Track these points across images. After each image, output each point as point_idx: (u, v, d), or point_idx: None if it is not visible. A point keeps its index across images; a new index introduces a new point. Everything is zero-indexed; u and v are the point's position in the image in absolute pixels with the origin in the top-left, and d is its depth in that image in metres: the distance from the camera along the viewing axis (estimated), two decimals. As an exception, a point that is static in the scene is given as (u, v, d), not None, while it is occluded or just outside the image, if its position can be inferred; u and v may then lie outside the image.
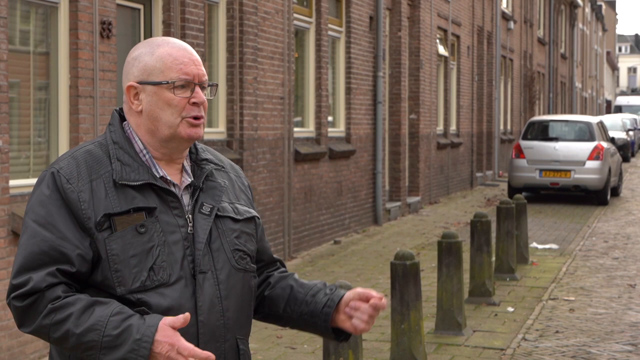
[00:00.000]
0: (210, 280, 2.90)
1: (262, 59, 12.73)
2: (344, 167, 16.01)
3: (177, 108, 2.90)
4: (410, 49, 20.61)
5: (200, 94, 2.92)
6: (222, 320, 2.92)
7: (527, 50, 37.04)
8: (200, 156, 3.04)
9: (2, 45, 7.63)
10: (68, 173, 2.85)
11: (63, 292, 2.79)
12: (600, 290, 11.75)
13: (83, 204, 2.82)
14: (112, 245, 2.81)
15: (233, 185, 3.09)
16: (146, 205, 2.86)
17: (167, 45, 2.95)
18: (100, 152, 2.91)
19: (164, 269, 2.84)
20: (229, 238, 2.97)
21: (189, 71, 2.91)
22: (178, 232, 2.88)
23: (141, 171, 2.89)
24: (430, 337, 8.95)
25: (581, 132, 22.95)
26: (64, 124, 8.67)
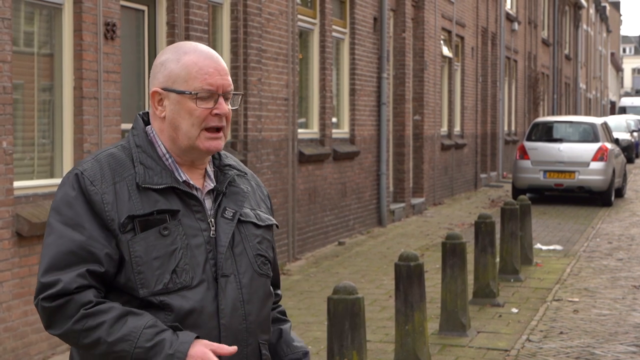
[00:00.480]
0: (232, 283, 2.91)
1: (266, 60, 12.73)
2: (348, 168, 16.02)
3: (199, 119, 2.90)
4: (414, 50, 20.61)
5: (223, 106, 2.91)
6: (244, 324, 2.93)
7: (532, 52, 37.02)
8: (224, 162, 3.05)
9: (6, 46, 7.64)
10: (92, 175, 2.86)
11: (95, 296, 2.80)
12: (604, 292, 11.74)
13: (107, 206, 2.83)
14: (136, 247, 2.83)
15: (254, 193, 3.10)
16: (169, 207, 2.87)
17: (194, 53, 2.93)
18: (123, 155, 2.92)
19: (186, 272, 2.85)
20: (252, 243, 2.99)
21: (213, 82, 2.90)
22: (200, 235, 2.89)
23: (164, 175, 2.90)
24: (435, 338, 8.95)
25: (585, 133, 22.93)
26: (68, 126, 8.67)
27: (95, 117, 8.81)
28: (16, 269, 7.76)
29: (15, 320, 7.75)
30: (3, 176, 7.59)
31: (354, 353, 6.24)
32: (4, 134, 7.60)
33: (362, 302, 6.28)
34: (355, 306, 6.22)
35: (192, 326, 2.85)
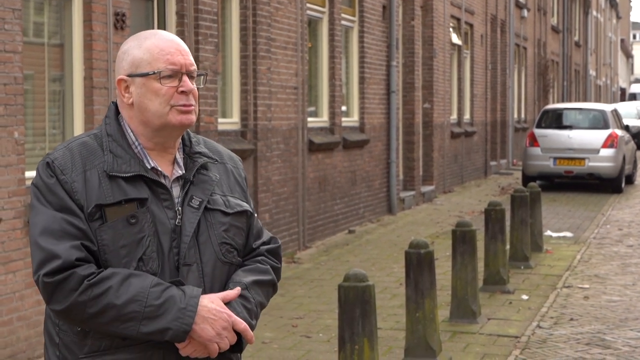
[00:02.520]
0: (195, 272, 2.94)
1: (276, 49, 12.74)
2: (358, 156, 16.03)
3: (165, 97, 2.95)
4: (423, 38, 20.58)
5: (188, 83, 2.97)
6: None
7: (541, 39, 36.94)
8: (194, 149, 3.07)
9: (17, 37, 7.67)
10: (62, 164, 2.91)
11: (96, 269, 2.84)
12: (614, 278, 11.75)
13: (76, 194, 2.88)
14: (103, 236, 2.87)
15: (228, 177, 3.12)
16: (138, 196, 2.90)
17: (154, 37, 3.01)
18: (94, 143, 2.97)
19: (153, 260, 2.89)
20: (217, 231, 3.00)
21: (175, 61, 2.97)
22: (167, 223, 2.93)
23: (132, 163, 2.93)
24: (445, 325, 8.97)
25: (595, 120, 22.89)
26: (78, 115, 8.70)
27: (106, 107, 8.84)
28: (28, 259, 7.80)
29: (28, 309, 7.80)
30: (15, 166, 7.63)
31: (364, 340, 6.27)
32: (15, 124, 7.63)
33: (372, 290, 6.30)
34: (366, 293, 6.24)
35: None
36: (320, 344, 8.42)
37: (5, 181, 7.53)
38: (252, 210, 3.15)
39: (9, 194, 7.57)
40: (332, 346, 8.20)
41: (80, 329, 2.89)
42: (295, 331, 8.81)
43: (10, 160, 7.57)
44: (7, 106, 7.55)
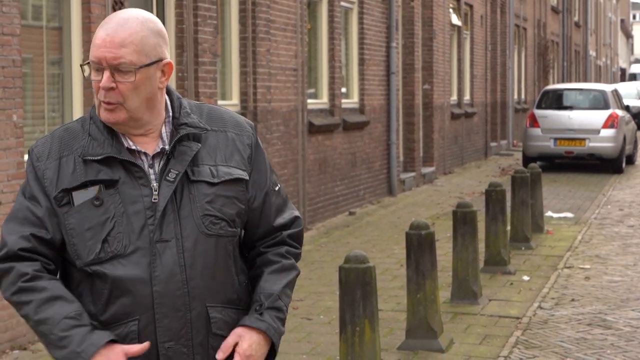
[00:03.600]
0: (172, 248, 2.88)
1: (275, 31, 12.70)
2: (358, 138, 16.00)
3: (95, 90, 2.90)
4: (423, 19, 20.52)
5: (104, 79, 2.85)
6: (184, 289, 2.88)
7: (541, 19, 36.86)
8: (180, 120, 2.98)
9: (15, 20, 7.63)
10: (40, 152, 2.95)
11: (34, 270, 2.88)
12: (615, 258, 11.75)
13: (45, 181, 2.91)
14: (70, 220, 2.89)
15: (227, 145, 3.01)
16: (107, 177, 2.88)
17: (104, 23, 2.90)
18: (79, 127, 2.97)
19: (119, 240, 2.87)
20: (200, 203, 2.92)
21: (96, 54, 2.85)
22: (140, 201, 2.89)
23: (106, 145, 2.90)
24: (446, 306, 8.96)
25: (595, 100, 22.86)
26: (77, 98, 8.68)
27: (105, 89, 8.80)
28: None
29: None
30: (14, 149, 7.60)
31: (365, 322, 6.26)
32: (14, 107, 7.61)
33: (373, 271, 6.29)
34: (367, 275, 6.23)
35: (125, 293, 2.86)
36: (321, 326, 8.42)
37: (4, 164, 7.51)
38: (246, 177, 3.02)
39: (7, 177, 7.55)
40: (333, 328, 8.20)
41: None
42: (296, 313, 8.80)
43: (9, 143, 7.55)
44: (6, 89, 7.52)
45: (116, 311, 2.87)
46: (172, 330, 2.88)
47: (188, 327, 2.90)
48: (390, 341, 7.85)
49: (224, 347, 2.95)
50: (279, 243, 3.11)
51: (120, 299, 2.87)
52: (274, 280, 3.04)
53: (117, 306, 2.87)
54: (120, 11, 2.93)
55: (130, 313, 2.87)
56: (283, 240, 3.12)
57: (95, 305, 2.89)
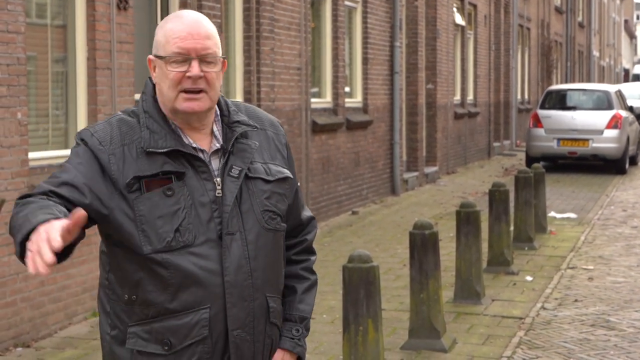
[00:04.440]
0: (238, 241, 2.99)
1: (279, 30, 12.70)
2: (362, 137, 16.00)
3: (173, 82, 2.98)
4: (427, 18, 20.52)
5: (195, 68, 2.96)
6: (250, 280, 3.00)
7: (545, 19, 36.84)
8: (232, 118, 3.09)
9: (20, 17, 7.64)
10: (102, 136, 2.98)
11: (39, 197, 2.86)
12: (619, 259, 11.74)
13: (112, 166, 2.95)
14: (140, 206, 2.93)
15: (269, 144, 3.15)
16: (175, 169, 2.96)
17: (175, 19, 3.02)
18: (133, 120, 3.03)
19: (189, 231, 2.94)
20: (259, 199, 3.05)
21: (184, 45, 2.97)
22: (206, 195, 2.97)
23: (168, 138, 2.98)
24: (449, 306, 8.96)
25: (599, 100, 22.84)
26: (82, 96, 8.68)
27: (109, 87, 8.82)
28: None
29: (32, 290, 7.80)
30: (18, 147, 7.61)
31: (369, 321, 6.26)
32: (18, 105, 7.61)
33: (377, 270, 6.29)
34: (370, 274, 6.23)
35: (196, 283, 2.94)
36: (325, 325, 8.42)
37: (9, 162, 7.51)
38: (292, 176, 3.18)
39: (12, 174, 7.55)
40: (336, 327, 8.20)
41: (128, 298, 2.98)
42: (299, 312, 8.79)
43: (13, 141, 7.55)
44: (10, 87, 7.52)
45: (186, 299, 2.95)
46: (240, 318, 3.00)
47: (251, 316, 3.02)
48: (394, 341, 7.85)
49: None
50: (305, 251, 3.29)
51: (190, 288, 2.94)
52: (306, 300, 3.24)
53: (188, 294, 2.94)
54: (180, 11, 3.07)
55: (202, 302, 2.95)
56: (309, 249, 3.30)
57: (162, 294, 2.95)
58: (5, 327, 7.48)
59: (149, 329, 2.97)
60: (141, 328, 2.98)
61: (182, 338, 2.96)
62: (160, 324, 2.96)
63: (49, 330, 8.00)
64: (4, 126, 7.46)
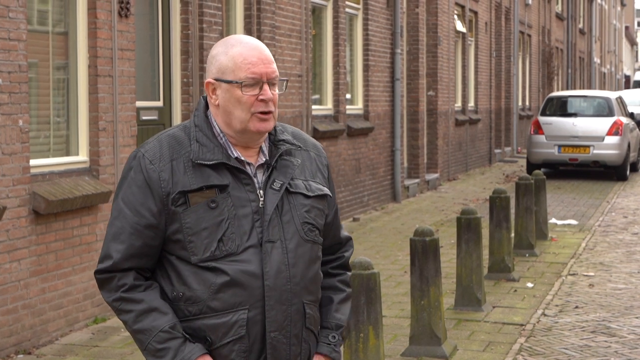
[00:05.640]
0: (278, 248, 3.19)
1: (280, 37, 12.72)
2: (362, 144, 16.01)
3: (247, 105, 3.18)
4: (427, 25, 20.54)
5: (267, 92, 3.18)
6: (288, 285, 3.19)
7: (545, 26, 36.87)
8: (278, 137, 3.30)
9: (21, 25, 7.66)
10: (152, 155, 3.20)
11: (133, 279, 3.19)
12: (619, 266, 11.74)
13: (163, 182, 3.17)
14: (187, 219, 3.16)
15: (311, 164, 3.36)
16: (219, 182, 3.17)
17: (240, 45, 3.21)
18: (183, 134, 3.24)
19: (232, 240, 3.16)
20: (300, 212, 3.25)
21: (256, 70, 3.17)
22: (249, 206, 3.18)
23: (216, 151, 3.19)
24: (450, 313, 8.97)
25: (600, 107, 22.85)
26: (83, 104, 8.69)
27: (110, 94, 8.83)
28: (33, 247, 7.81)
29: (33, 297, 7.81)
30: (19, 154, 7.62)
31: (370, 328, 6.27)
32: (19, 113, 7.62)
33: (377, 277, 6.30)
34: (371, 281, 6.24)
35: (238, 285, 3.14)
36: (325, 331, 8.40)
37: (10, 169, 7.52)
38: (331, 195, 3.39)
39: (13, 182, 7.57)
40: (337, 334, 8.19)
41: (175, 295, 3.20)
42: (300, 319, 8.79)
43: (14, 148, 7.57)
44: (12, 94, 7.54)
45: (227, 300, 3.15)
46: (278, 321, 3.18)
47: (289, 320, 3.21)
48: (394, 347, 7.86)
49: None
50: (342, 266, 3.49)
51: (232, 289, 3.15)
52: (342, 310, 3.42)
53: (229, 295, 3.15)
54: (237, 35, 3.29)
55: (241, 303, 3.15)
56: (345, 265, 3.50)
57: (205, 292, 3.15)
58: (6, 334, 7.49)
59: (192, 326, 3.17)
60: (185, 324, 3.17)
61: (221, 336, 3.15)
62: (201, 321, 3.16)
63: (50, 337, 8.00)
64: (5, 133, 7.47)
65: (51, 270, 8.03)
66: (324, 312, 3.39)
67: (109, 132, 8.81)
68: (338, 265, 3.48)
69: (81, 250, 8.42)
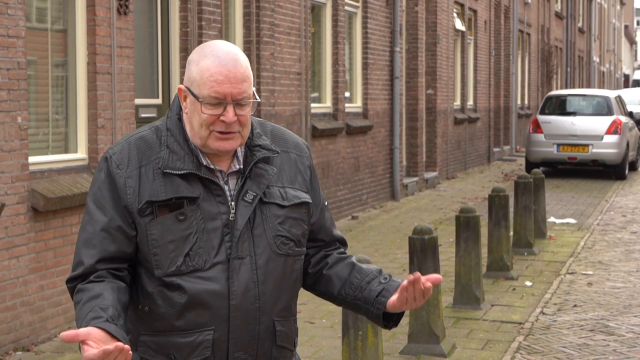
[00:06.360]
0: (247, 265, 3.01)
1: (279, 35, 12.72)
2: (361, 142, 16.01)
3: (206, 122, 2.98)
4: (427, 23, 20.54)
5: (229, 114, 2.96)
6: (257, 303, 3.03)
7: (545, 25, 36.86)
8: (254, 142, 3.09)
9: (20, 22, 7.65)
10: (119, 159, 3.02)
11: (95, 276, 3.00)
12: (618, 264, 11.75)
13: (129, 189, 2.99)
14: (152, 230, 2.98)
15: (290, 167, 3.16)
16: (189, 194, 2.99)
17: (211, 57, 2.97)
18: (154, 137, 3.06)
19: (199, 255, 2.98)
20: (272, 224, 3.06)
21: (220, 90, 2.95)
22: (219, 219, 3.00)
23: (187, 160, 3.01)
24: (449, 311, 8.97)
25: (599, 106, 22.86)
26: (82, 101, 8.69)
27: (109, 92, 8.83)
28: (32, 244, 7.81)
29: (32, 294, 7.80)
30: (18, 151, 7.62)
31: (368, 326, 6.26)
32: (18, 110, 7.62)
33: (376, 275, 6.28)
34: (370, 279, 6.22)
35: (202, 305, 2.98)
36: (324, 329, 8.42)
37: (9, 166, 7.52)
38: (316, 198, 3.21)
39: (12, 179, 7.56)
40: (335, 332, 8.20)
41: (142, 307, 3.04)
42: (299, 317, 8.80)
43: (13, 145, 7.56)
44: (11, 91, 7.53)
45: (192, 320, 2.99)
46: (243, 341, 3.03)
47: (255, 339, 3.05)
48: (393, 345, 7.86)
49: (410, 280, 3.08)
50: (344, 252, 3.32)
51: (197, 309, 2.99)
52: (363, 267, 3.23)
53: (194, 315, 2.99)
54: (216, 43, 3.02)
55: (207, 323, 3.00)
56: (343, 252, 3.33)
57: (169, 310, 3.01)
58: (4, 331, 7.48)
59: (157, 341, 3.03)
60: (150, 339, 3.04)
61: (185, 356, 3.01)
62: (166, 338, 3.02)
63: (48, 334, 8.00)
64: (4, 130, 7.47)
65: (50, 268, 8.03)
66: (353, 276, 3.21)
67: (107, 129, 8.80)
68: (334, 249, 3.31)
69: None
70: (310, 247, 3.25)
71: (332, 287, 3.26)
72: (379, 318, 3.18)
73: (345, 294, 3.23)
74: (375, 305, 3.17)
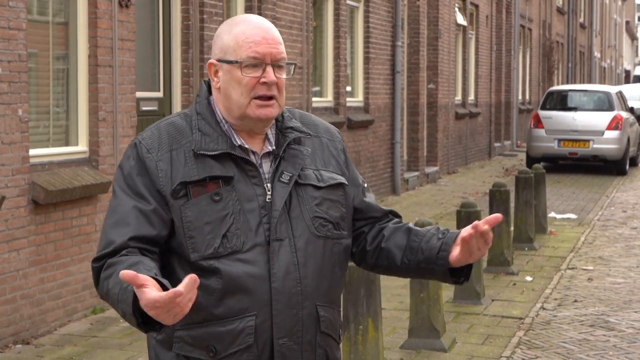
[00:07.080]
0: (286, 247, 2.92)
1: (281, 28, 12.70)
2: (362, 136, 16.00)
3: (247, 88, 2.92)
4: (428, 18, 20.52)
5: (270, 74, 2.92)
6: (299, 287, 2.93)
7: (546, 20, 36.83)
8: (286, 124, 3.05)
9: (21, 14, 7.64)
10: (149, 143, 2.94)
11: (127, 252, 2.84)
12: (618, 260, 11.74)
13: (160, 172, 2.90)
14: (187, 213, 2.88)
15: (323, 151, 3.11)
16: (223, 174, 2.91)
17: (244, 23, 2.96)
18: (184, 123, 2.99)
19: (237, 237, 2.88)
20: (309, 205, 2.98)
21: (259, 50, 2.92)
22: (255, 200, 2.92)
23: (220, 141, 2.94)
24: (449, 306, 8.97)
25: (600, 101, 22.85)
26: (83, 94, 8.68)
27: (110, 85, 8.82)
28: (32, 237, 7.80)
29: (32, 287, 7.80)
30: (19, 144, 7.61)
31: (369, 320, 6.26)
32: (19, 102, 7.61)
33: (377, 270, 6.28)
34: (371, 274, 6.23)
35: (243, 289, 2.88)
36: (324, 324, 8.40)
37: (9, 159, 7.51)
38: (354, 180, 3.15)
39: (12, 171, 7.55)
40: (335, 326, 8.19)
41: None
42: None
43: (14, 138, 7.55)
44: (12, 84, 7.52)
45: (232, 306, 2.88)
46: (287, 327, 2.92)
47: (300, 325, 2.94)
48: (393, 340, 7.86)
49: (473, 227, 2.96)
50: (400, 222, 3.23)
51: (236, 294, 2.88)
52: (420, 229, 3.14)
53: (234, 301, 2.88)
54: (245, 15, 3.02)
55: (248, 309, 2.89)
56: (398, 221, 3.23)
57: (208, 299, 2.88)
58: (4, 323, 7.48)
59: (195, 334, 2.91)
60: (187, 333, 2.91)
61: (227, 345, 2.89)
62: (205, 329, 2.90)
63: (48, 328, 8.00)
64: (4, 123, 7.46)
65: (50, 261, 8.02)
66: (411, 240, 3.10)
67: (108, 122, 8.79)
68: (387, 221, 3.21)
69: (80, 241, 8.41)
70: (363, 224, 3.17)
71: (394, 258, 3.15)
72: (447, 274, 3.10)
73: (409, 261, 3.12)
74: (438, 263, 3.07)
